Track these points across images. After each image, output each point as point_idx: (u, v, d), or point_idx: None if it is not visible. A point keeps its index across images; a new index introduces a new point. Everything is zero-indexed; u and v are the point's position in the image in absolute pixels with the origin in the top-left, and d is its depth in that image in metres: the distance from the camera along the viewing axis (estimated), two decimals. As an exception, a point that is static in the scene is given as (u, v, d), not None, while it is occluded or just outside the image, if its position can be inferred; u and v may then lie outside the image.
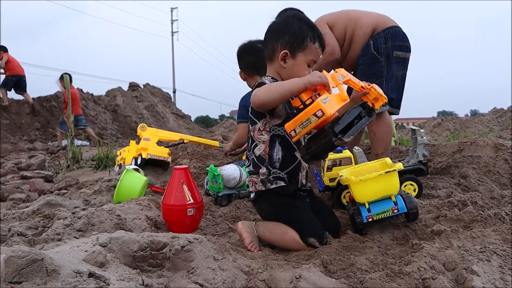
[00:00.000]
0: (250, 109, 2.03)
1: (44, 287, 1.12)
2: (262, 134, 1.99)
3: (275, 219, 1.97)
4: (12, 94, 11.61)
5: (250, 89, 2.95)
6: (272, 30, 2.10)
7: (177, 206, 2.09)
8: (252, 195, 2.03)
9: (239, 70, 3.12)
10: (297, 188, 2.00)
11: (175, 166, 2.24)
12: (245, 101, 2.87)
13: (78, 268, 1.24)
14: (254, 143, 2.02)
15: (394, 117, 3.49)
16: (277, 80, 2.03)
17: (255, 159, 2.01)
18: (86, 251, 1.43)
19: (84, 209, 2.16)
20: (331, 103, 1.70)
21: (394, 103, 3.21)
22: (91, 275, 1.23)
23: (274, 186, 1.94)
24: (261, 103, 1.86)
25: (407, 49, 3.19)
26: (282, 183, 1.95)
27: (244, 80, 3.12)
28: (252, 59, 3.00)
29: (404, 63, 3.20)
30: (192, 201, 2.11)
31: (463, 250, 1.69)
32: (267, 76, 2.09)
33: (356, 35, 3.21)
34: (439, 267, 1.58)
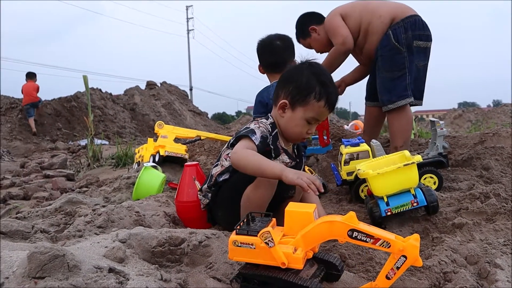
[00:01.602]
0: (232, 139, 1.96)
1: (66, 282, 1.14)
2: (226, 160, 2.02)
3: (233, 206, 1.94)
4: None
5: (266, 85, 2.94)
6: (283, 76, 2.00)
7: (190, 202, 2.10)
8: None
9: (259, 63, 3.10)
10: None
11: (185, 163, 2.25)
12: (260, 96, 2.85)
13: (98, 263, 1.26)
14: (217, 162, 2.09)
15: (413, 109, 3.44)
16: (275, 127, 1.96)
17: (209, 175, 2.10)
18: (106, 247, 1.45)
19: (104, 206, 2.19)
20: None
21: (417, 95, 3.15)
22: (111, 270, 1.25)
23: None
24: (233, 164, 1.82)
25: (428, 38, 3.12)
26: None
27: (263, 74, 3.10)
28: (271, 58, 2.93)
29: (425, 52, 3.13)
30: None
31: (486, 243, 1.66)
32: (268, 119, 2.00)
33: (373, 26, 3.14)
34: (460, 261, 1.56)
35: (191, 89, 34.37)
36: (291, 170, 1.64)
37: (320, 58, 3.53)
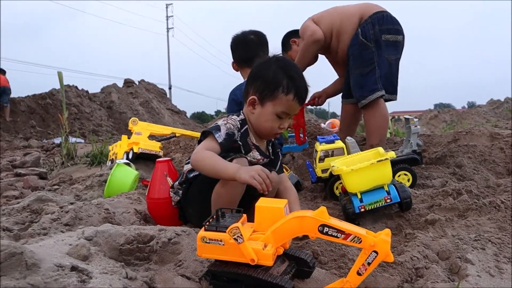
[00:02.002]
0: (202, 132, 1.93)
1: (24, 281, 1.08)
2: None
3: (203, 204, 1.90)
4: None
5: (241, 82, 2.92)
6: (251, 72, 1.96)
7: (161, 199, 2.05)
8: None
9: (232, 60, 3.08)
10: None
11: (157, 160, 2.20)
12: (233, 94, 2.84)
13: (60, 261, 1.21)
14: (188, 160, 2.01)
15: (390, 109, 3.47)
16: (245, 123, 1.94)
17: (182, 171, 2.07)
18: (70, 244, 1.39)
19: (72, 204, 2.11)
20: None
21: (390, 89, 3.17)
22: (73, 268, 1.19)
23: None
24: (193, 166, 1.83)
25: (398, 31, 3.15)
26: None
27: (236, 71, 3.09)
28: (245, 53, 2.97)
29: (396, 46, 3.16)
30: None
31: (458, 239, 1.66)
32: (239, 115, 1.97)
33: (343, 27, 3.24)
34: (432, 256, 1.55)
35: (170, 88, 34.07)
36: (245, 169, 1.60)
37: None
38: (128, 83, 18.51)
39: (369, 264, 1.16)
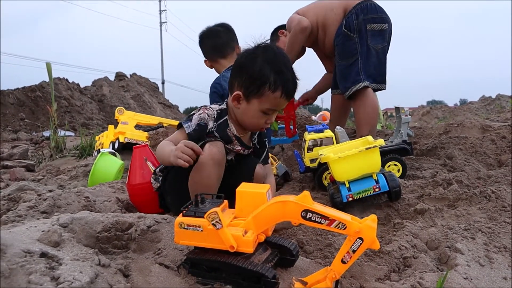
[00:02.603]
0: (184, 119, 1.91)
1: (-13, 267, 1.01)
2: None
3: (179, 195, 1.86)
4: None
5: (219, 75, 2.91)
6: (236, 62, 1.86)
7: (143, 184, 1.98)
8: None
9: (204, 59, 3.11)
10: None
11: (134, 146, 2.14)
12: (213, 88, 2.83)
13: (29, 247, 1.14)
14: None
15: (382, 106, 3.44)
16: (225, 114, 1.88)
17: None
18: (43, 231, 1.32)
19: (51, 191, 2.04)
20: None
21: (378, 79, 3.12)
22: (43, 254, 1.13)
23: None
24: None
25: (383, 20, 3.09)
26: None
27: (211, 68, 3.08)
28: (211, 41, 2.97)
29: (382, 35, 3.11)
30: None
31: (447, 229, 1.61)
32: (221, 104, 1.92)
33: (328, 19, 3.21)
34: (421, 246, 1.51)
35: (163, 83, 33.88)
36: (173, 153, 1.57)
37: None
38: (119, 76, 18.31)
39: (354, 251, 1.10)
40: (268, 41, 1.96)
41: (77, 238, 1.37)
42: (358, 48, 3.05)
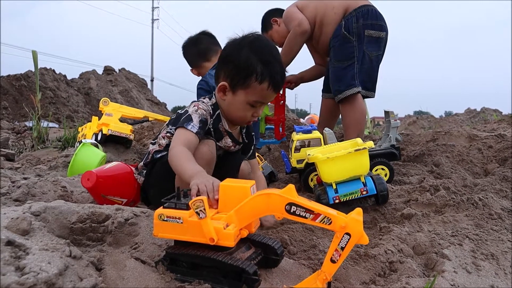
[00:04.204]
0: (173, 117, 1.85)
1: None
2: (164, 139, 1.87)
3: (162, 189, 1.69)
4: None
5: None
6: (223, 52, 1.79)
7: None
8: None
9: (190, 68, 3.19)
10: None
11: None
12: (200, 84, 2.87)
13: (-6, 235, 1.06)
14: (155, 140, 1.96)
15: (370, 114, 3.41)
16: (217, 108, 1.80)
17: (146, 152, 1.97)
18: (12, 218, 1.24)
19: (25, 179, 1.95)
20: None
21: (368, 86, 3.09)
22: (9, 243, 1.05)
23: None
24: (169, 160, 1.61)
25: (381, 28, 3.06)
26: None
27: (198, 76, 3.09)
28: (194, 48, 3.07)
29: (378, 43, 3.08)
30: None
31: (434, 234, 1.58)
32: (211, 98, 1.84)
33: (327, 17, 3.14)
34: (407, 251, 1.47)
35: (152, 80, 33.59)
36: (200, 176, 1.36)
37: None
38: (108, 70, 18.09)
39: (342, 248, 1.04)
40: (258, 32, 1.88)
41: (49, 227, 1.30)
42: (355, 52, 3.01)
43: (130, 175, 1.92)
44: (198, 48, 3.04)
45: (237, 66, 1.69)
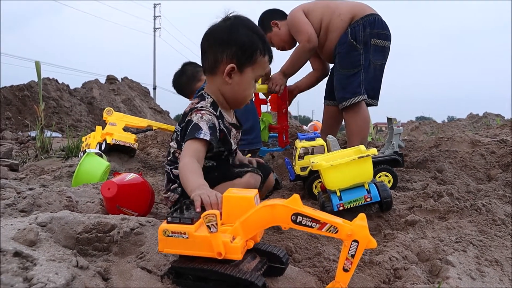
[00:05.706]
0: (180, 131, 1.78)
1: (-44, 266, 0.95)
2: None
3: None
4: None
5: None
6: (216, 38, 1.78)
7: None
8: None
9: (188, 99, 3.32)
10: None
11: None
12: (197, 91, 2.86)
13: (2, 246, 1.08)
14: (176, 164, 1.79)
15: (372, 120, 3.43)
16: (216, 105, 1.80)
17: (171, 176, 1.83)
18: (19, 229, 1.26)
19: (31, 189, 1.97)
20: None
21: (371, 93, 3.11)
22: (16, 254, 1.07)
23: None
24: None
25: (387, 37, 3.09)
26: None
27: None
28: (183, 77, 3.32)
29: (383, 52, 3.10)
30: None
31: (438, 241, 1.58)
32: (205, 99, 1.81)
33: (333, 24, 3.14)
34: (412, 257, 1.47)
35: (154, 88, 33.73)
36: (202, 189, 1.36)
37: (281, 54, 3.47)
38: (110, 79, 18.19)
39: (352, 256, 1.05)
40: (235, 13, 1.86)
41: (55, 238, 1.31)
42: (362, 60, 3.03)
43: (147, 189, 1.93)
44: (186, 75, 3.30)
45: (241, 46, 1.74)
